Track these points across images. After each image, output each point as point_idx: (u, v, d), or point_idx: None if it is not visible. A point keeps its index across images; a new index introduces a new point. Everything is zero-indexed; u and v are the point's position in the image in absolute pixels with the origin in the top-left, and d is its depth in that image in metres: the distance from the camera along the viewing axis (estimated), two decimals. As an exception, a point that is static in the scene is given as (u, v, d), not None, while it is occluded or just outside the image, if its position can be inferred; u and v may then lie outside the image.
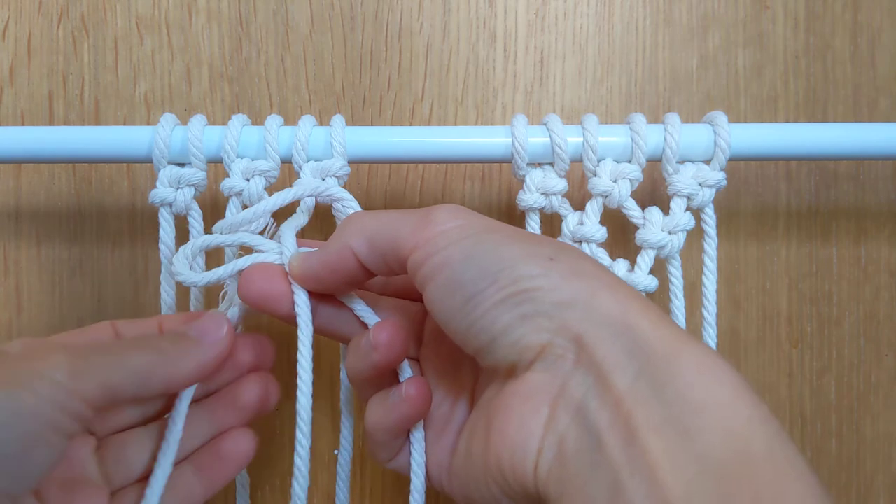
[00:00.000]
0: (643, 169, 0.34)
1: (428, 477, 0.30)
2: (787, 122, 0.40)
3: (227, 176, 0.34)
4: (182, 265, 0.31)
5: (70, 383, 0.24)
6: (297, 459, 0.30)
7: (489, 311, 0.25)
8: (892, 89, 0.40)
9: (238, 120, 0.34)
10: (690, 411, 0.21)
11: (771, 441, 0.21)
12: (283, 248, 0.31)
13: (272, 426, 0.41)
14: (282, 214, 0.40)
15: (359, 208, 0.32)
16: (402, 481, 0.41)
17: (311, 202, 0.33)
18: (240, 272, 0.30)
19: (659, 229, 0.34)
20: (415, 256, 0.26)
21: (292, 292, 0.30)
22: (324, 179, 0.33)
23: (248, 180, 0.33)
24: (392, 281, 0.33)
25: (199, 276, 0.31)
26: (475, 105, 0.40)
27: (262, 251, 0.31)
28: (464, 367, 0.31)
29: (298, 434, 0.30)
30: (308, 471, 0.30)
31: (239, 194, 0.33)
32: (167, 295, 0.34)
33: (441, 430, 0.30)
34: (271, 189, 0.34)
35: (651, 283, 0.34)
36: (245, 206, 0.34)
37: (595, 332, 0.23)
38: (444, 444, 0.30)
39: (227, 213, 0.34)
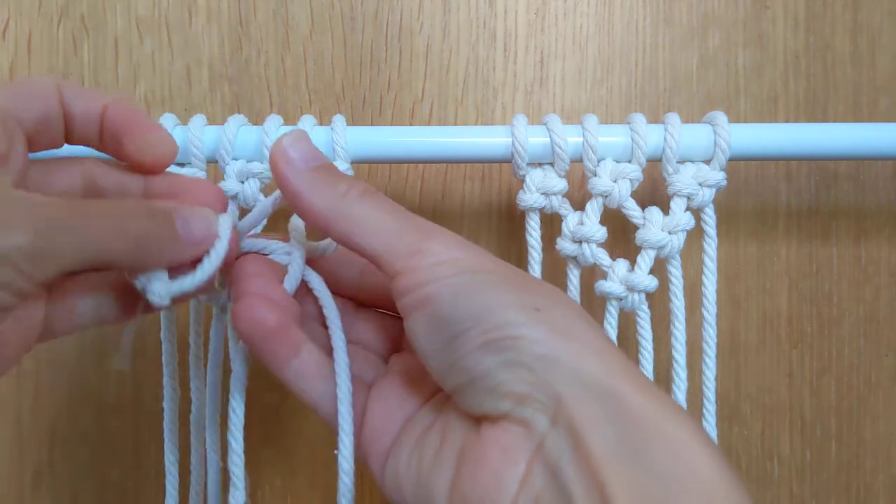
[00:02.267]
0: (643, 169, 0.34)
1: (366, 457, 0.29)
2: (787, 122, 0.40)
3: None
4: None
5: (36, 245, 0.22)
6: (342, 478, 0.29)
7: (471, 353, 0.24)
8: (892, 89, 0.40)
9: (234, 121, 0.34)
10: (668, 485, 0.21)
11: None
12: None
13: (272, 427, 0.41)
14: (282, 214, 0.40)
15: None
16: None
17: None
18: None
19: (659, 229, 0.34)
20: (401, 281, 0.26)
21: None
22: None
23: (242, 182, 0.33)
24: (366, 287, 0.32)
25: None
26: (475, 105, 0.40)
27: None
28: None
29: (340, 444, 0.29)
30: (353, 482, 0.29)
31: (234, 197, 0.33)
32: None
33: (393, 422, 0.29)
34: (267, 191, 0.34)
35: (651, 283, 0.34)
36: (241, 209, 0.34)
37: (576, 393, 0.23)
38: (394, 436, 0.28)
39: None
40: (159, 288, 0.26)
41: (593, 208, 0.34)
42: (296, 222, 0.31)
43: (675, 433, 0.22)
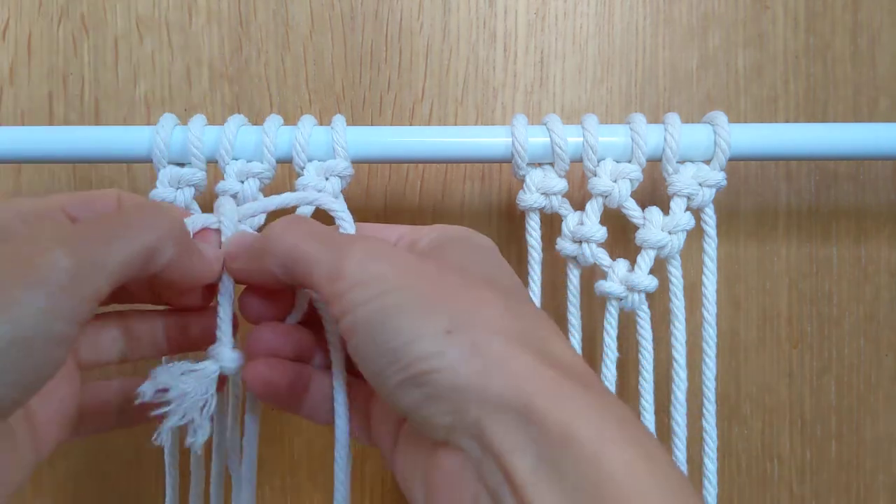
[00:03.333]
0: (643, 169, 0.34)
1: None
2: (787, 122, 0.40)
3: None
4: None
5: (74, 286, 0.22)
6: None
7: (394, 391, 0.24)
8: (892, 89, 0.40)
9: (234, 121, 0.34)
10: (583, 494, 0.21)
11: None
12: (222, 218, 0.30)
13: (272, 427, 0.41)
14: (280, 214, 0.39)
15: (350, 222, 0.31)
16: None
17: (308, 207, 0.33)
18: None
19: (659, 229, 0.34)
20: (331, 310, 0.26)
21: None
22: (327, 179, 0.33)
23: (242, 182, 0.33)
24: None
25: None
26: (475, 105, 0.40)
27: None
28: None
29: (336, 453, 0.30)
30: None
31: (234, 196, 0.33)
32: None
33: (390, 423, 0.29)
34: (267, 190, 0.34)
35: (651, 283, 0.34)
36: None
37: (492, 417, 0.22)
38: (394, 435, 0.29)
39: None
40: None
41: (593, 208, 0.34)
42: None
43: (590, 436, 0.21)
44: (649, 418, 0.35)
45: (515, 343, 0.24)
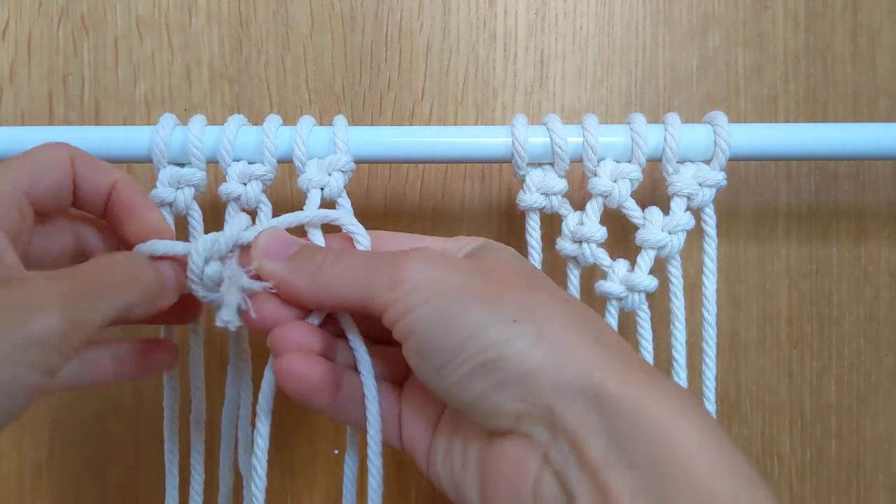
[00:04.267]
0: (643, 169, 0.34)
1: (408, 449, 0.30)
2: (787, 122, 0.40)
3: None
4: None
5: (53, 340, 0.23)
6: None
7: (461, 381, 0.25)
8: (892, 89, 0.40)
9: (234, 122, 0.34)
10: (657, 472, 0.21)
11: (736, 486, 0.21)
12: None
13: (272, 426, 0.41)
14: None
15: (366, 238, 0.31)
16: (405, 481, 0.41)
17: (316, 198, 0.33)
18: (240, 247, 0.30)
19: (659, 229, 0.34)
20: (387, 316, 0.26)
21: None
22: (329, 174, 0.33)
23: (244, 184, 0.33)
24: None
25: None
26: (475, 105, 0.40)
27: None
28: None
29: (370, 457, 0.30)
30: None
31: (237, 199, 0.33)
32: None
33: (425, 422, 0.30)
34: (270, 190, 0.34)
35: (651, 283, 0.34)
36: (244, 210, 0.34)
37: (564, 400, 0.23)
38: (429, 435, 0.30)
39: (227, 216, 0.34)
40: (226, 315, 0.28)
41: (593, 208, 0.34)
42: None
43: (662, 419, 0.22)
44: (649, 418, 0.35)
45: (578, 332, 0.25)
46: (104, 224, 0.31)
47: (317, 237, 0.31)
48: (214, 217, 0.38)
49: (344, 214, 0.32)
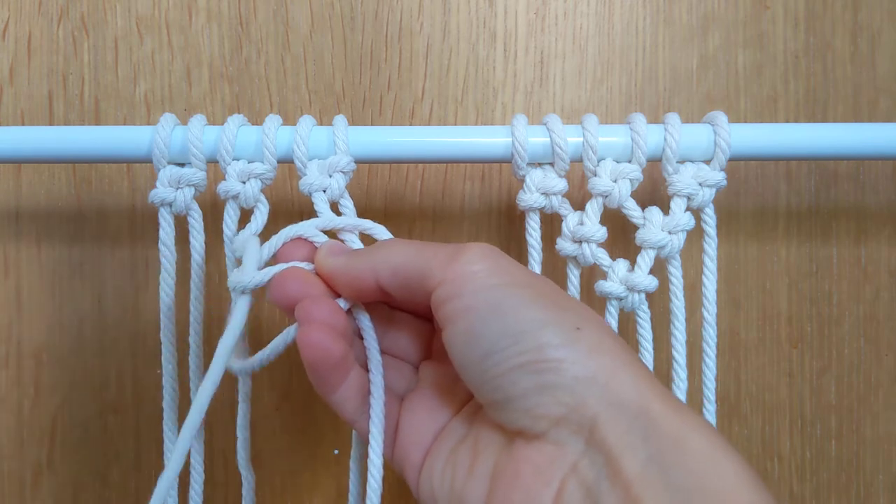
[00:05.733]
0: (643, 169, 0.34)
1: (396, 460, 0.30)
2: (787, 122, 0.40)
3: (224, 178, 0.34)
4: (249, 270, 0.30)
5: None
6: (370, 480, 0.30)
7: (508, 373, 0.24)
8: (892, 89, 0.40)
9: (234, 121, 0.34)
10: (697, 497, 0.22)
11: None
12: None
13: (271, 426, 0.41)
14: (280, 215, 0.40)
15: (389, 236, 0.32)
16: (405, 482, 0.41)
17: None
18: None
19: (659, 229, 0.34)
20: (439, 292, 0.26)
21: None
22: (330, 176, 0.33)
23: (243, 183, 0.33)
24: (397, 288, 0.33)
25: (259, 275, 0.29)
26: (475, 105, 0.40)
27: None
28: (463, 388, 0.30)
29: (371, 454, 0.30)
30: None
31: (236, 197, 0.33)
32: (166, 295, 0.34)
33: (424, 434, 0.30)
34: (270, 190, 0.34)
35: (651, 283, 0.34)
36: (242, 209, 0.34)
37: (610, 414, 0.23)
38: (426, 449, 0.29)
39: (226, 216, 0.34)
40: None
41: (593, 208, 0.34)
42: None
43: (703, 449, 0.23)
44: (649, 418, 0.35)
45: (631, 354, 0.25)
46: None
47: (351, 240, 0.32)
48: (214, 217, 0.38)
49: (370, 223, 0.32)
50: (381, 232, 0.31)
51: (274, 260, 0.31)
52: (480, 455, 0.27)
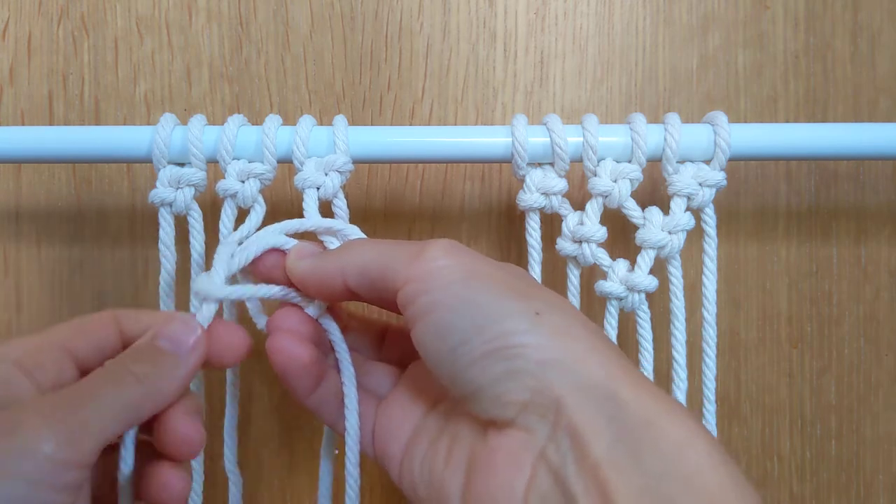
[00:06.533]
0: (643, 169, 0.34)
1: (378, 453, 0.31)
2: (787, 122, 0.40)
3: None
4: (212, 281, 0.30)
5: (63, 455, 0.22)
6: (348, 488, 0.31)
7: (475, 363, 0.25)
8: (892, 89, 0.40)
9: (234, 121, 0.34)
10: (669, 484, 0.21)
11: None
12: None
13: (270, 425, 0.41)
14: (280, 215, 0.40)
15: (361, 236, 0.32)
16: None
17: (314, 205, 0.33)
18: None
19: (659, 229, 0.34)
20: (405, 290, 0.26)
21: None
22: (326, 174, 0.33)
23: (243, 182, 0.33)
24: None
25: (227, 290, 0.30)
26: (475, 105, 0.40)
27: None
28: (438, 383, 0.30)
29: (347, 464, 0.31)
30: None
31: (234, 196, 0.33)
32: (166, 295, 0.35)
33: (400, 429, 0.30)
34: (270, 189, 0.34)
35: (651, 283, 0.34)
36: (240, 209, 0.34)
37: (575, 395, 0.23)
38: (404, 443, 0.30)
39: (223, 214, 0.34)
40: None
41: (593, 208, 0.34)
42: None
43: (675, 432, 0.22)
44: (649, 418, 0.35)
45: (600, 338, 0.25)
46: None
47: (330, 241, 0.32)
48: (214, 217, 0.38)
49: (341, 223, 0.32)
50: (352, 231, 0.32)
51: (252, 267, 0.31)
52: (457, 446, 0.27)
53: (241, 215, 0.34)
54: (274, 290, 0.30)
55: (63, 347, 0.27)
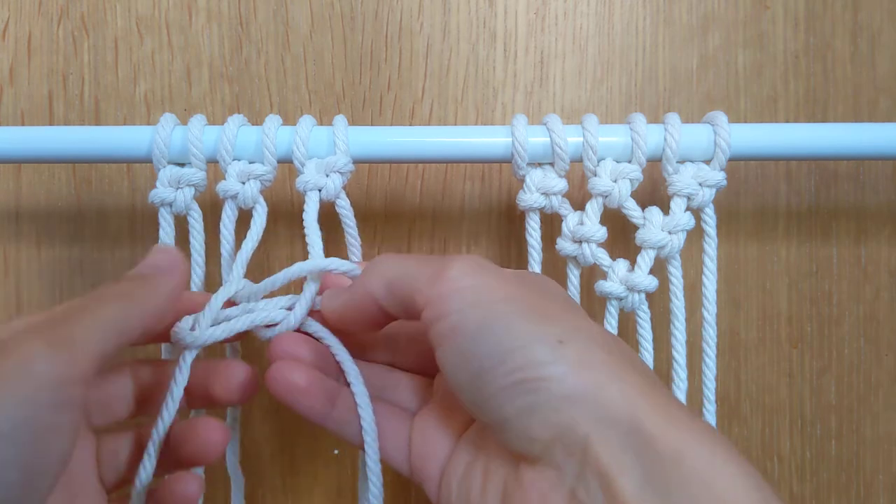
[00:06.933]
0: (643, 169, 0.34)
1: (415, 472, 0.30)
2: (787, 122, 0.40)
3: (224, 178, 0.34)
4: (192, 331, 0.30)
5: (57, 370, 0.22)
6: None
7: (497, 394, 0.24)
8: (892, 89, 0.40)
9: (234, 121, 0.34)
10: None
11: None
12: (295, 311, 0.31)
13: (272, 426, 0.41)
14: (280, 215, 0.40)
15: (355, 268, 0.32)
16: (404, 480, 0.41)
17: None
18: None
19: (659, 229, 0.34)
20: (427, 313, 0.25)
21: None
22: (327, 175, 0.33)
23: (243, 183, 0.33)
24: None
25: (206, 334, 0.30)
26: (475, 105, 0.40)
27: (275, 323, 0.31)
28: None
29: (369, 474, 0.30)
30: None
31: (234, 197, 0.33)
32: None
33: (437, 449, 0.29)
34: (270, 190, 0.34)
35: (651, 283, 0.34)
36: (241, 209, 0.34)
37: (600, 432, 0.22)
38: (442, 463, 0.29)
39: (224, 215, 0.34)
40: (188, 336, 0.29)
41: (593, 208, 0.34)
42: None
43: (703, 464, 0.22)
44: (649, 418, 0.35)
45: (622, 363, 0.24)
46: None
47: (316, 244, 0.32)
48: (214, 217, 0.38)
49: (337, 261, 0.31)
50: (349, 267, 0.31)
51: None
52: (491, 476, 0.26)
53: (242, 215, 0.34)
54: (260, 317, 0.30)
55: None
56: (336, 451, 0.41)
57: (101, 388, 0.30)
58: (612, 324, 0.34)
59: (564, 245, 0.34)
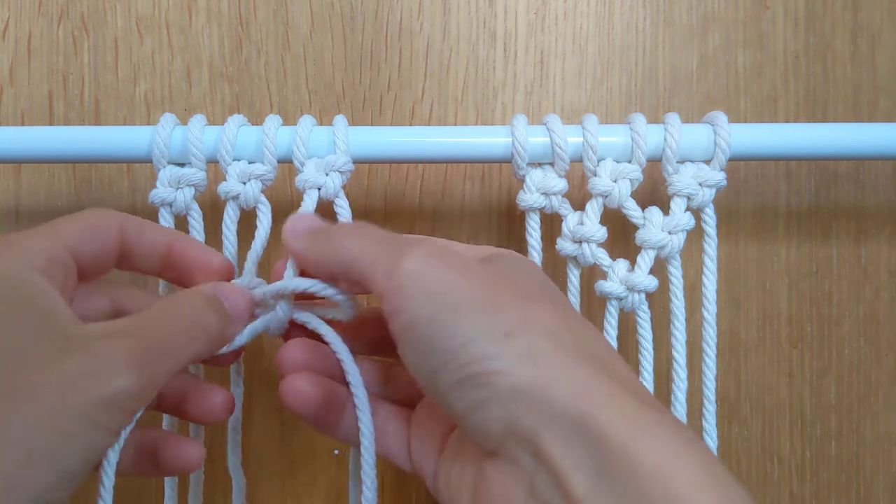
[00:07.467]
0: (643, 169, 0.34)
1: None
2: (787, 122, 0.40)
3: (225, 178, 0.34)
4: None
5: (135, 387, 0.24)
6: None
7: (451, 389, 0.24)
8: (892, 89, 0.40)
9: (234, 121, 0.34)
10: None
11: None
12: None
13: (272, 426, 0.41)
14: (280, 215, 0.40)
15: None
16: (404, 479, 0.41)
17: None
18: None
19: (659, 229, 0.34)
20: (384, 307, 0.25)
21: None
22: (327, 174, 0.33)
23: (244, 183, 0.33)
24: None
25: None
26: (475, 105, 0.40)
27: None
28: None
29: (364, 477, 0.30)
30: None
31: (236, 197, 0.34)
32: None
33: (432, 444, 0.30)
34: (270, 190, 0.34)
35: (651, 283, 0.34)
36: (242, 209, 0.34)
37: (549, 428, 0.22)
38: (436, 458, 0.29)
39: (226, 216, 0.34)
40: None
41: (593, 208, 0.34)
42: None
43: (653, 457, 0.21)
44: (649, 418, 0.35)
45: (573, 353, 0.24)
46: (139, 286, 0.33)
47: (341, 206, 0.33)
48: (214, 217, 0.38)
49: (318, 284, 0.30)
50: (331, 293, 0.30)
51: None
52: (465, 472, 0.26)
53: (243, 215, 0.34)
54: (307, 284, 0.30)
55: (71, 250, 0.27)
56: (336, 452, 0.41)
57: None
58: (612, 324, 0.34)
59: (564, 245, 0.34)
